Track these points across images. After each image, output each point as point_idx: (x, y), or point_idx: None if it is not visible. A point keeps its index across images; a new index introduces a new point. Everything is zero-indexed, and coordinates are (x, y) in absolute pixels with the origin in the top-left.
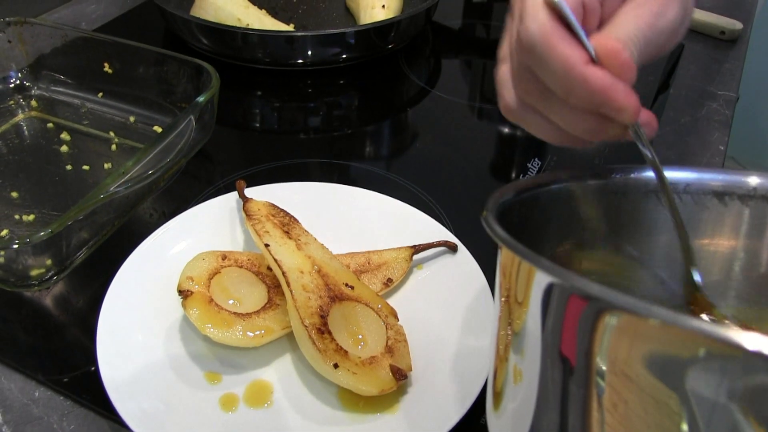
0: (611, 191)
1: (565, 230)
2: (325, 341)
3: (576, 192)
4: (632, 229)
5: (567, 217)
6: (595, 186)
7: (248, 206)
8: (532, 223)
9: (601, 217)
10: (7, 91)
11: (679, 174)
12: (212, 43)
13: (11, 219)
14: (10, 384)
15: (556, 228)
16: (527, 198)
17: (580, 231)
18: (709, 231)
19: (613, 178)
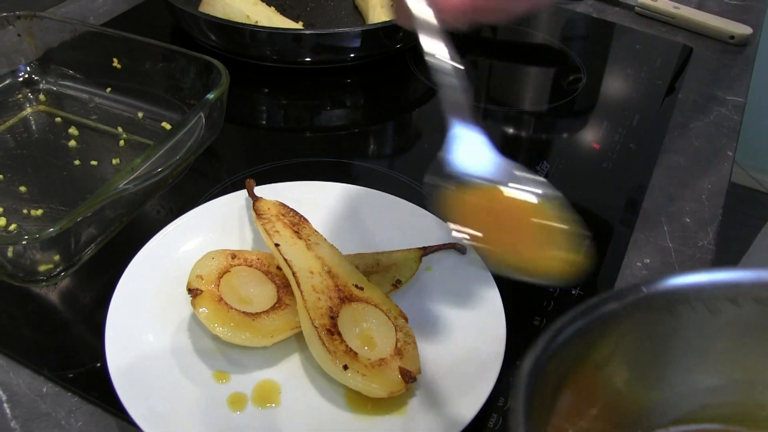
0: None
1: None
2: (335, 342)
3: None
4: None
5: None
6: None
7: (258, 205)
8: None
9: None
10: (15, 85)
11: (689, 279)
12: (220, 40)
13: (20, 213)
14: (18, 380)
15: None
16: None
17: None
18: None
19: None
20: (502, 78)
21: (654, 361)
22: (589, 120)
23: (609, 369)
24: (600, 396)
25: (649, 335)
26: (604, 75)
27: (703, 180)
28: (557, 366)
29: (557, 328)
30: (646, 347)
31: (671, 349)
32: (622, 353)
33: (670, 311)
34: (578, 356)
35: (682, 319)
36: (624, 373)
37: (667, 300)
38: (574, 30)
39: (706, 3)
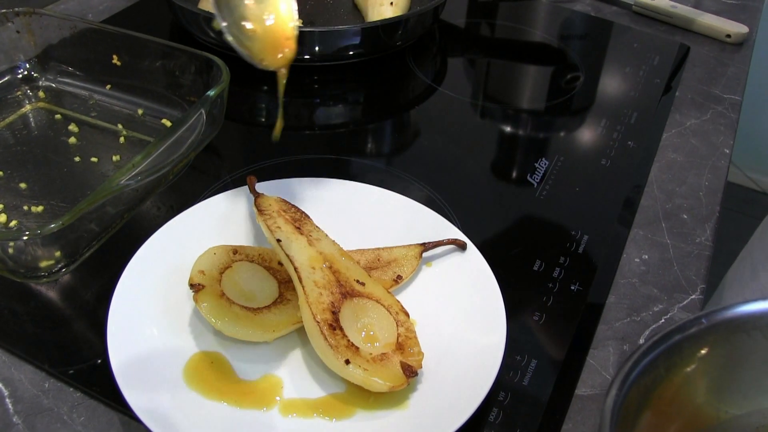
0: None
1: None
2: (337, 337)
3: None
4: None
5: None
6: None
7: (260, 201)
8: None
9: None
10: (15, 82)
11: (744, 309)
12: (220, 37)
13: (20, 210)
14: (21, 375)
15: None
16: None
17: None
18: None
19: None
20: (501, 76)
21: (721, 384)
22: (588, 118)
23: (680, 392)
24: (673, 418)
25: (713, 361)
26: (602, 73)
27: (701, 177)
28: (634, 396)
29: (632, 363)
30: (712, 372)
31: (735, 372)
32: (693, 377)
33: (729, 340)
34: (652, 387)
35: (742, 345)
36: (695, 395)
37: (725, 328)
38: (572, 28)
39: (704, 2)
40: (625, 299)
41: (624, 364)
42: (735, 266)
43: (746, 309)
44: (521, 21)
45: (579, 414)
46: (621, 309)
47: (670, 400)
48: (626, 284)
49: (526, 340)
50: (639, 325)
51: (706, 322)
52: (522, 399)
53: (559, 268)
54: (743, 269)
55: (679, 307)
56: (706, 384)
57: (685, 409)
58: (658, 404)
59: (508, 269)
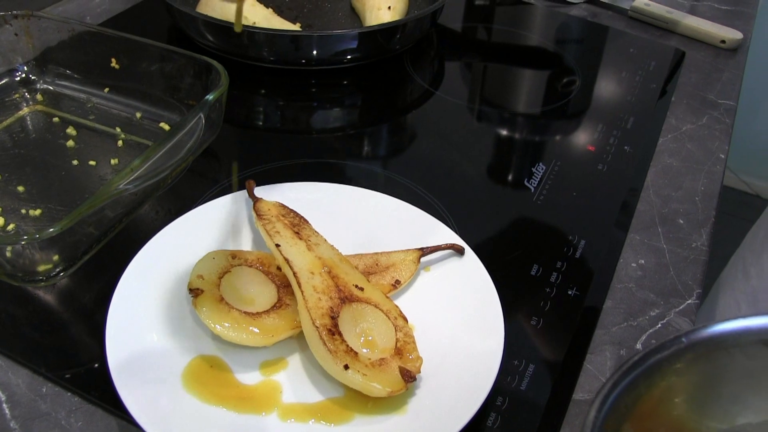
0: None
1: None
2: (336, 342)
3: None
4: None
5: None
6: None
7: (259, 206)
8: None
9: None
10: (12, 84)
11: (723, 327)
12: (218, 41)
13: (18, 213)
14: (18, 379)
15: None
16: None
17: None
18: (760, 380)
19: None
20: (497, 80)
21: (703, 400)
22: (584, 122)
23: (662, 409)
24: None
25: (694, 378)
26: (598, 78)
27: (697, 182)
28: (615, 416)
29: (611, 383)
30: (692, 389)
31: (717, 390)
32: (674, 396)
33: (709, 358)
34: (634, 403)
35: (721, 363)
36: (676, 413)
37: (705, 347)
38: (568, 33)
39: (699, 8)
40: (621, 304)
41: (603, 386)
42: (728, 268)
43: (725, 327)
44: (518, 25)
45: (576, 418)
46: (618, 314)
47: (651, 415)
48: (623, 289)
49: (523, 345)
50: (636, 330)
51: (686, 341)
52: (520, 403)
53: (556, 273)
54: (735, 271)
55: (675, 312)
56: (686, 400)
57: (666, 424)
58: (639, 421)
59: (505, 274)
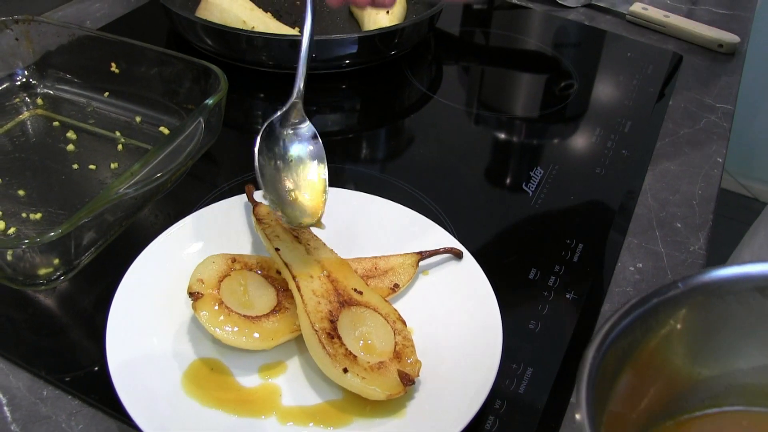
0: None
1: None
2: (335, 346)
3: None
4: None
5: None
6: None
7: (258, 210)
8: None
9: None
10: (13, 89)
11: (719, 274)
12: (217, 45)
13: (18, 217)
14: (18, 383)
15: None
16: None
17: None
18: (754, 325)
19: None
20: (495, 84)
21: (698, 345)
22: (582, 126)
23: (658, 353)
24: (651, 378)
25: (688, 324)
26: (596, 82)
27: (694, 186)
28: (611, 359)
29: (609, 326)
30: (686, 334)
31: (708, 334)
32: (669, 340)
33: (704, 304)
34: (631, 346)
35: (715, 309)
36: (672, 357)
37: (701, 293)
38: (566, 37)
39: (696, 12)
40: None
41: (602, 327)
42: None
43: (722, 273)
44: (515, 29)
45: (574, 422)
46: None
47: (647, 362)
48: (621, 292)
49: (521, 348)
50: None
51: (683, 286)
52: (518, 407)
53: (554, 277)
54: None
55: None
56: (681, 346)
57: (662, 370)
58: (636, 366)
59: (503, 277)
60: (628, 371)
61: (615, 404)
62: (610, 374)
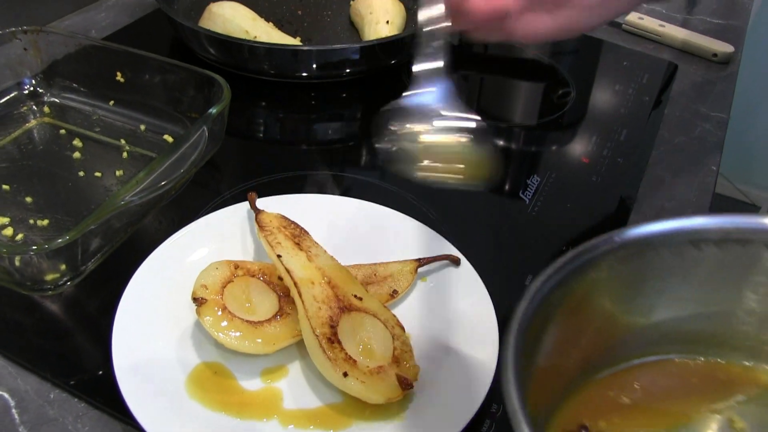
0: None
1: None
2: (335, 350)
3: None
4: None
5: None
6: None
7: (260, 218)
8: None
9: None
10: (21, 97)
11: (655, 228)
12: (220, 54)
13: (26, 223)
14: (26, 385)
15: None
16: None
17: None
18: (685, 276)
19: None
20: (493, 92)
21: (629, 296)
22: (578, 134)
23: (590, 307)
24: (582, 333)
25: (623, 275)
26: (593, 91)
27: (689, 193)
28: (545, 310)
29: (544, 278)
30: (621, 285)
31: (643, 286)
32: (601, 293)
33: (639, 256)
34: (561, 302)
35: (650, 261)
36: (604, 309)
37: (637, 246)
38: (563, 46)
39: (691, 21)
40: None
41: (536, 279)
42: None
43: (656, 228)
44: None
45: None
46: None
47: (580, 309)
48: None
49: None
50: None
51: (618, 240)
52: None
53: None
54: None
55: None
56: (614, 295)
57: (595, 321)
58: (568, 314)
59: (500, 284)
60: (560, 324)
61: (547, 358)
62: (540, 328)
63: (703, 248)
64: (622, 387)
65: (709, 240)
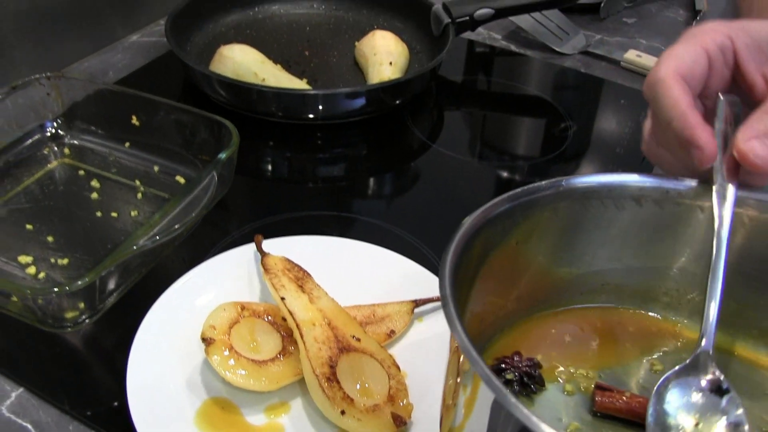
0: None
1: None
2: (334, 389)
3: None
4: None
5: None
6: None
7: (266, 261)
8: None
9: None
10: (43, 139)
11: (601, 179)
12: (230, 97)
13: (48, 262)
14: (47, 417)
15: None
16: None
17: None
18: (625, 230)
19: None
20: (494, 130)
21: (569, 243)
22: (581, 167)
23: (529, 247)
24: (521, 272)
25: (565, 222)
26: (593, 127)
27: None
28: (483, 242)
29: (486, 208)
30: (562, 231)
31: (584, 234)
32: (541, 235)
33: (583, 204)
34: (502, 234)
35: (593, 211)
36: (542, 252)
37: (582, 194)
38: (563, 83)
39: None
40: None
41: (476, 211)
42: None
43: (602, 179)
44: (515, 76)
45: None
46: None
47: (520, 251)
48: None
49: None
50: None
51: (565, 185)
52: None
53: None
54: None
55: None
56: (553, 242)
57: (533, 263)
58: (509, 254)
59: None
60: (501, 260)
61: (486, 291)
62: (473, 268)
63: (644, 204)
64: (562, 325)
65: (650, 197)
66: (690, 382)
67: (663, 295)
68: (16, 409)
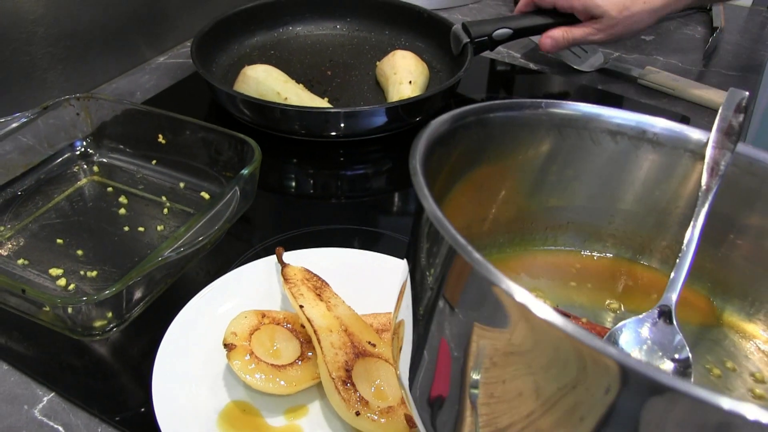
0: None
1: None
2: (349, 392)
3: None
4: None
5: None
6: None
7: (286, 271)
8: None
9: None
10: (73, 158)
11: (581, 107)
12: (254, 116)
13: (77, 274)
14: (78, 420)
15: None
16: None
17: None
18: (599, 167)
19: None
20: None
21: (543, 172)
22: None
23: (505, 165)
24: (495, 191)
25: (541, 148)
26: None
27: None
28: (459, 144)
29: (460, 112)
30: (537, 158)
31: (558, 166)
32: (517, 156)
33: (561, 132)
34: (478, 142)
35: (569, 141)
36: (516, 176)
37: (560, 120)
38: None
39: (706, 74)
40: None
41: (449, 114)
42: None
43: (580, 108)
44: (535, 93)
45: None
46: None
47: (487, 175)
48: None
49: None
50: None
51: (544, 105)
52: None
53: None
54: None
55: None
56: (525, 169)
57: (500, 188)
58: (475, 175)
59: None
60: (475, 177)
61: (456, 212)
62: (447, 175)
63: (620, 142)
64: (529, 265)
65: (626, 135)
66: (644, 328)
67: (627, 237)
68: (47, 412)
